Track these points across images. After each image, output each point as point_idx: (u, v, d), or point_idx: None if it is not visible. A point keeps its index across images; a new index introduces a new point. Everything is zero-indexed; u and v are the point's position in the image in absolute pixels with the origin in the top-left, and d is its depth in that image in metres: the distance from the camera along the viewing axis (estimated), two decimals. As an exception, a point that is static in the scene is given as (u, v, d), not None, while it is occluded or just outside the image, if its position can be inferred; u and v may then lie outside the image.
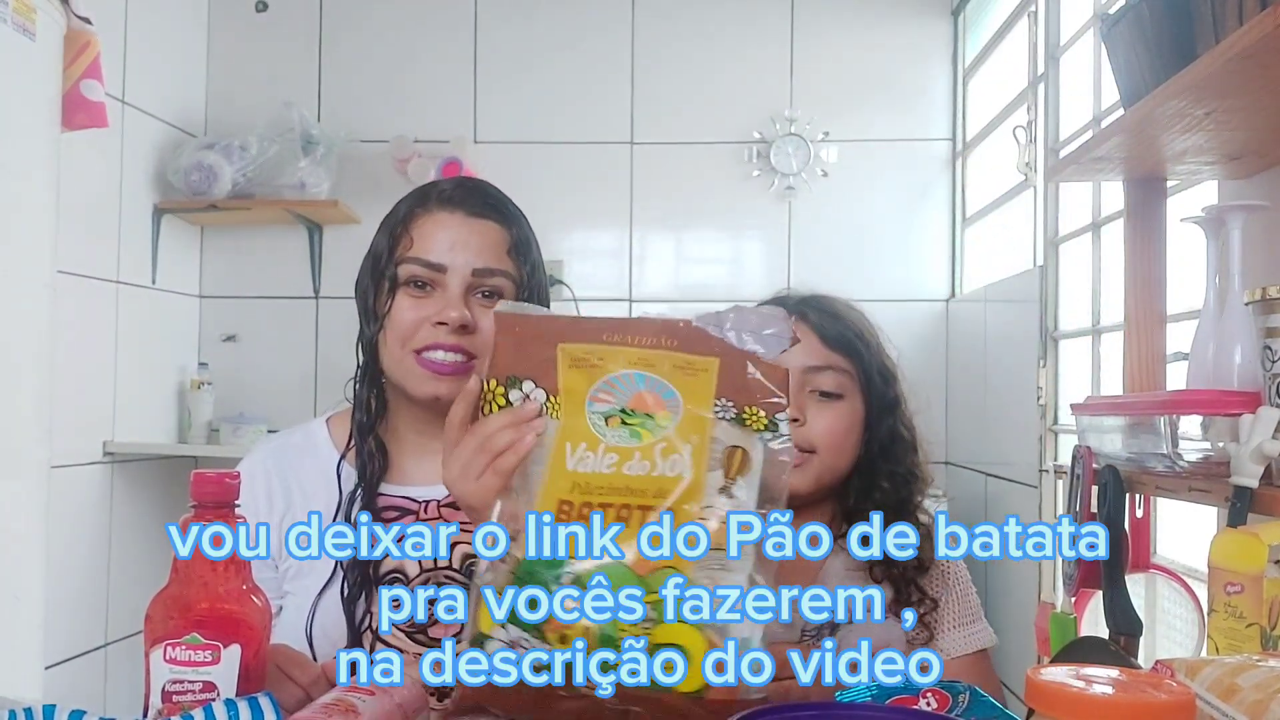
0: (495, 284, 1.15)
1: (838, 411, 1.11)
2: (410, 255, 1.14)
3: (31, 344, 1.79)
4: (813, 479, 1.11)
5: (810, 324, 1.12)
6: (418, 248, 1.14)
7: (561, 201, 3.22)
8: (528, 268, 1.18)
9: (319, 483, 1.19)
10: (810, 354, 1.11)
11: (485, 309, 1.13)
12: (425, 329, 1.13)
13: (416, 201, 1.18)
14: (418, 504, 1.19)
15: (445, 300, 1.13)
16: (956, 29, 3.22)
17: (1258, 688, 0.64)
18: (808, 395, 1.10)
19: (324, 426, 1.26)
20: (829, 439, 1.10)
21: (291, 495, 1.19)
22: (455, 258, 1.13)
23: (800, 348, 1.10)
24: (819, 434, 1.10)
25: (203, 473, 0.81)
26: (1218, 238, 1.32)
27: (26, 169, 1.76)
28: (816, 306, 1.15)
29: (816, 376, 1.11)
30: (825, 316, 1.13)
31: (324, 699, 0.82)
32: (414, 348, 1.13)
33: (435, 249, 1.14)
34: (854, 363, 1.12)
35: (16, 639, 1.75)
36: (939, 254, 3.23)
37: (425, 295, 1.14)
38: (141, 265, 2.97)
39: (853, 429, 1.11)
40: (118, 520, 2.83)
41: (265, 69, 3.32)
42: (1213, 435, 1.17)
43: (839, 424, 1.11)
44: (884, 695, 0.84)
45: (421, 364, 1.13)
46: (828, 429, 1.10)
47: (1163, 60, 1.29)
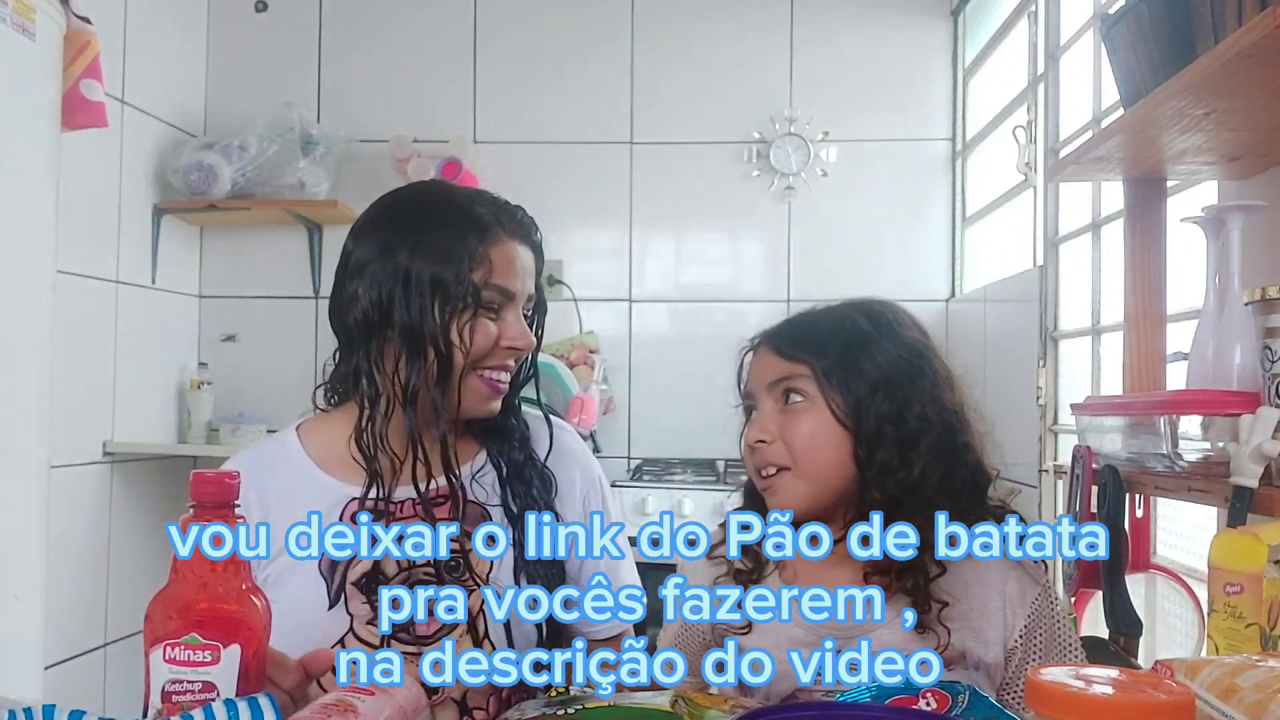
0: (531, 304, 1.24)
1: (802, 415, 1.08)
2: (493, 282, 1.17)
3: (31, 344, 1.79)
4: (795, 496, 1.08)
5: (772, 343, 1.13)
6: (498, 274, 1.17)
7: (561, 201, 3.22)
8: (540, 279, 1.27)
9: (295, 492, 1.20)
10: (771, 369, 1.11)
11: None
12: (498, 351, 1.18)
13: (488, 231, 1.18)
14: (394, 504, 1.19)
15: (516, 325, 1.19)
16: (956, 29, 3.22)
17: (1257, 688, 0.64)
18: (778, 411, 1.10)
19: (294, 434, 1.25)
20: (799, 449, 1.07)
21: (269, 504, 1.19)
22: (522, 285, 1.20)
23: (765, 366, 1.12)
24: (789, 446, 1.08)
25: (202, 473, 0.81)
26: (1218, 238, 1.32)
27: (26, 169, 1.76)
28: (787, 324, 1.15)
29: (778, 387, 1.10)
30: (786, 330, 1.13)
31: (324, 699, 0.82)
32: (484, 367, 1.18)
33: (512, 277, 1.19)
34: (808, 363, 1.09)
35: (16, 639, 1.75)
36: (939, 254, 3.23)
37: (495, 318, 1.19)
38: (141, 265, 2.97)
39: (823, 431, 1.07)
40: (117, 520, 2.83)
41: (265, 69, 3.32)
42: (1213, 435, 1.17)
43: (805, 428, 1.07)
44: (884, 695, 0.84)
45: (486, 384, 1.19)
46: (797, 438, 1.07)
47: (1162, 60, 1.29)
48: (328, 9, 3.33)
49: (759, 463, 1.10)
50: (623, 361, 3.25)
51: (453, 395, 1.17)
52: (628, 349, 3.27)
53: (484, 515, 1.21)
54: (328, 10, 3.33)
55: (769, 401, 1.11)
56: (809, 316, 1.16)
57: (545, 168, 3.25)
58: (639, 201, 3.29)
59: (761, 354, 1.14)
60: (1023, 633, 1.08)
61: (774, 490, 1.10)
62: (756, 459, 1.11)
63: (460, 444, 1.23)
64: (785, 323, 1.17)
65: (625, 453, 3.20)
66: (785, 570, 1.12)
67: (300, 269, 3.28)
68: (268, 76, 3.30)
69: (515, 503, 1.22)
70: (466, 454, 1.25)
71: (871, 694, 0.85)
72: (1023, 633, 1.08)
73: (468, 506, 1.20)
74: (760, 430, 1.10)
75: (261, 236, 3.28)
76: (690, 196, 3.27)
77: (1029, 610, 1.08)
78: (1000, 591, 1.09)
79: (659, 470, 2.94)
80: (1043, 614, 1.09)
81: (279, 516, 1.18)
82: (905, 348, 1.11)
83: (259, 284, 3.30)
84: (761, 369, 1.13)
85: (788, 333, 1.14)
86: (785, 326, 1.16)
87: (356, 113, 3.27)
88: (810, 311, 1.17)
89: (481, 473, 1.24)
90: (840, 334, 1.11)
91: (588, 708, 0.79)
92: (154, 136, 3.04)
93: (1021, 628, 1.08)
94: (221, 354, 3.27)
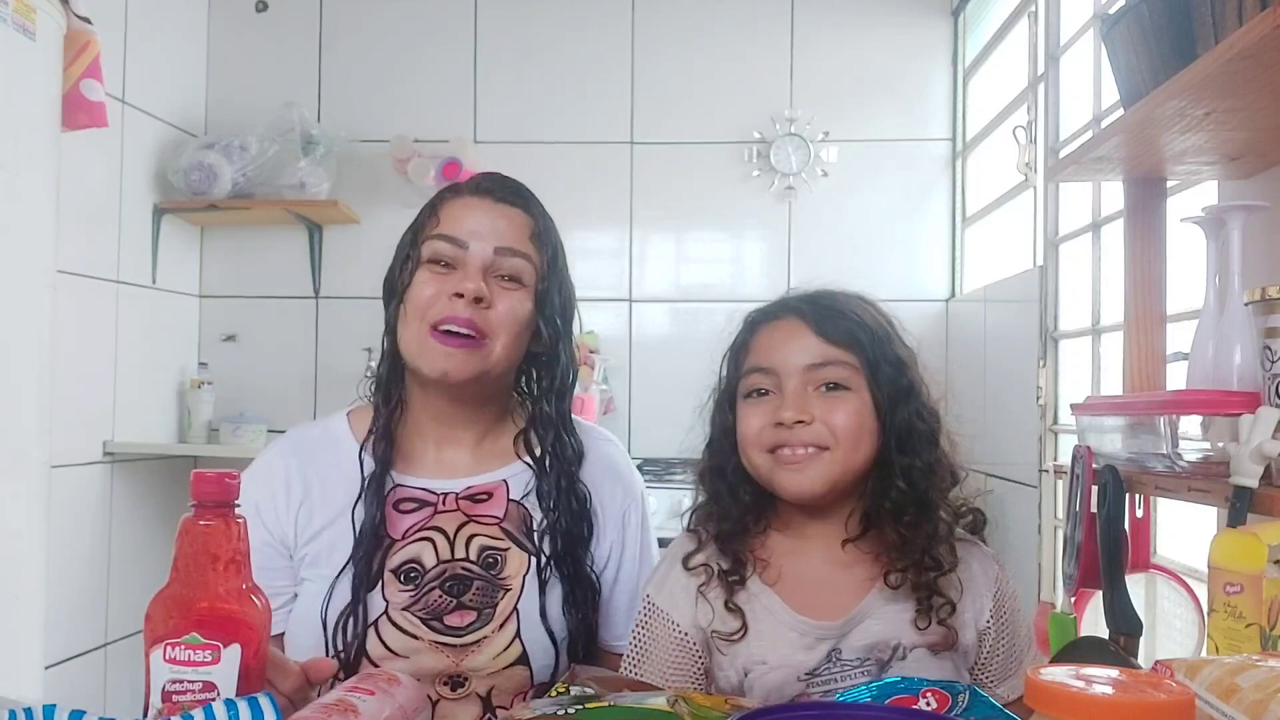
0: (515, 266, 1.18)
1: (848, 404, 1.06)
2: (436, 233, 1.18)
3: (31, 344, 1.79)
4: (825, 477, 1.06)
5: (808, 321, 1.09)
6: (444, 226, 1.18)
7: (561, 201, 3.17)
8: (548, 253, 1.22)
9: (338, 475, 1.21)
10: (809, 351, 1.08)
11: (504, 290, 1.17)
12: (442, 301, 1.15)
13: (449, 190, 1.24)
14: (436, 496, 1.20)
15: (465, 275, 1.16)
16: (956, 29, 3.22)
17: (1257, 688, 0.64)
18: (812, 393, 1.07)
19: (344, 420, 1.27)
20: (842, 432, 1.05)
21: (310, 484, 1.21)
22: (478, 236, 1.17)
23: (800, 346, 1.08)
24: (832, 428, 1.05)
25: (203, 472, 0.81)
26: (1218, 238, 1.32)
27: (26, 169, 1.76)
28: (815, 302, 1.11)
29: (819, 372, 1.07)
30: (823, 311, 1.10)
31: (324, 699, 0.82)
32: (430, 321, 1.15)
33: (460, 228, 1.18)
34: (856, 354, 1.08)
35: (16, 639, 1.75)
36: (939, 254, 3.23)
37: (447, 273, 1.17)
38: (141, 265, 2.97)
39: (865, 422, 1.07)
40: (118, 520, 2.83)
41: (265, 69, 3.32)
42: (1213, 435, 1.17)
43: (851, 417, 1.06)
44: (884, 695, 0.84)
45: (435, 337, 1.15)
46: (841, 423, 1.05)
47: (1163, 60, 1.29)
48: (328, 9, 3.33)
49: (797, 440, 1.05)
50: (623, 361, 3.25)
51: (415, 356, 1.17)
52: (628, 349, 3.27)
53: (525, 516, 1.21)
54: (328, 10, 3.33)
55: (800, 381, 1.07)
56: (829, 298, 1.13)
57: (545, 168, 3.24)
58: (639, 201, 3.29)
59: (793, 328, 1.10)
60: (992, 612, 1.11)
61: (803, 469, 1.05)
62: (793, 436, 1.05)
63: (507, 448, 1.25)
64: (811, 299, 1.12)
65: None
66: (767, 571, 1.10)
67: (300, 269, 3.28)
68: (268, 76, 3.30)
69: (550, 544, 1.20)
70: (509, 458, 1.25)
71: (872, 694, 0.85)
72: (992, 612, 1.11)
73: (510, 506, 1.21)
74: (799, 410, 1.05)
75: (262, 236, 3.28)
76: (690, 196, 3.27)
77: (994, 589, 1.12)
78: (968, 574, 1.11)
79: (659, 470, 2.94)
80: (1004, 591, 1.13)
81: (319, 495, 1.20)
82: (906, 347, 1.13)
83: (259, 284, 3.31)
84: (796, 347, 1.08)
85: (825, 313, 1.10)
86: (815, 305, 1.11)
87: (356, 113, 3.27)
88: (827, 292, 1.14)
89: (523, 480, 1.23)
90: (867, 325, 1.10)
91: (588, 708, 0.79)
92: (154, 136, 3.04)
93: (990, 608, 1.11)
94: (221, 354, 3.27)
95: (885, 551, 1.08)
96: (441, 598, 1.15)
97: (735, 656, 1.07)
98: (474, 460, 1.24)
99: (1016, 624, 1.14)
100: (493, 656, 1.15)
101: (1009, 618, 1.13)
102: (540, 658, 1.16)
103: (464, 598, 1.15)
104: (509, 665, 1.16)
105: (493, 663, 1.15)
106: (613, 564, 1.26)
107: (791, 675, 1.05)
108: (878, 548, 1.09)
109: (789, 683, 1.05)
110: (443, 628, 1.14)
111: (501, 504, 1.21)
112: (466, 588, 1.16)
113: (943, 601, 1.07)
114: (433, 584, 1.16)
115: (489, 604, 1.16)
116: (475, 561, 1.17)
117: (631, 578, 1.26)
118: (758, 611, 1.08)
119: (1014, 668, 1.13)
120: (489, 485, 1.22)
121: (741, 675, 1.06)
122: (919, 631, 1.06)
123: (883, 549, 1.08)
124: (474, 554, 1.17)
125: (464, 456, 1.24)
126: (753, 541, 1.12)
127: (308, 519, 1.20)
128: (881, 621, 1.07)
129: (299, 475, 1.21)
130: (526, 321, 1.19)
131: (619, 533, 1.27)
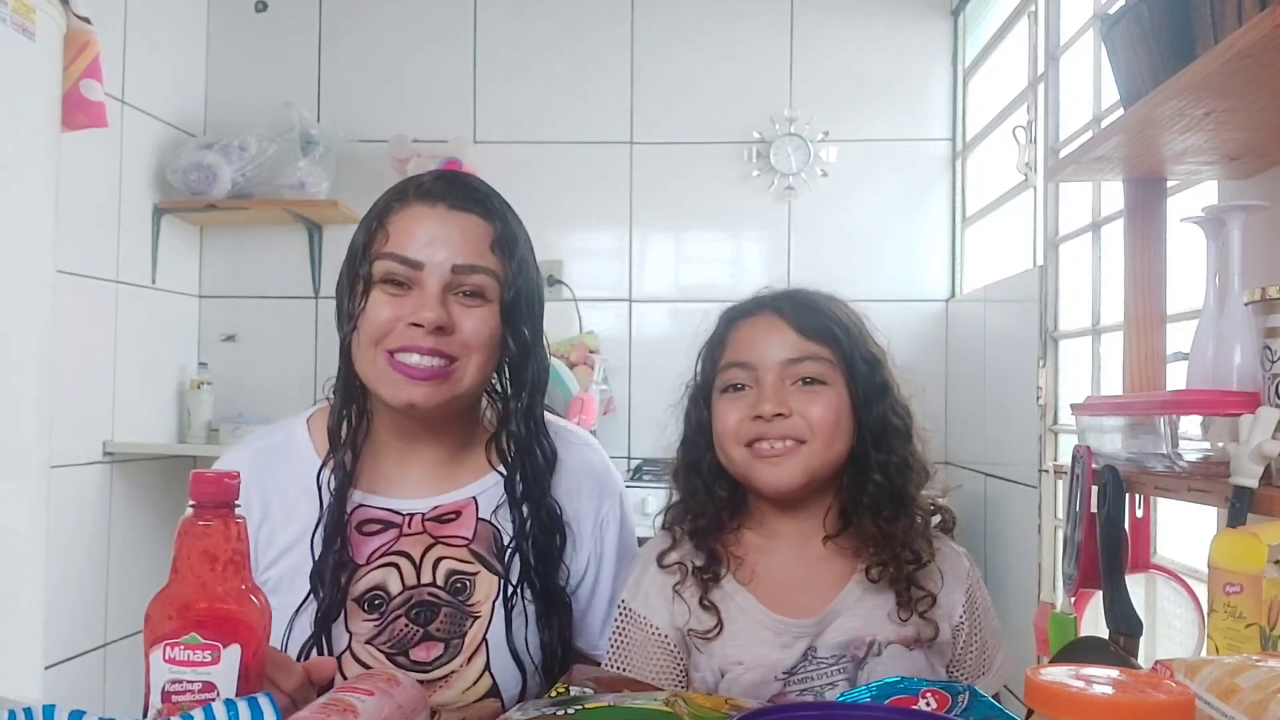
0: (477, 282, 1.08)
1: (824, 398, 1.08)
2: (386, 251, 1.07)
3: (31, 344, 1.79)
4: (803, 470, 1.07)
5: (786, 317, 1.10)
6: (394, 243, 1.07)
7: (561, 201, 3.22)
8: (514, 264, 1.10)
9: (298, 490, 1.14)
10: (787, 346, 1.09)
11: (467, 309, 1.08)
12: (400, 329, 1.06)
13: (394, 195, 1.11)
14: (401, 517, 1.14)
15: (422, 300, 1.06)
16: (956, 29, 3.22)
17: (1257, 688, 0.64)
18: (790, 387, 1.08)
19: (304, 427, 1.19)
20: (820, 425, 1.07)
21: (270, 503, 1.14)
22: (434, 254, 1.06)
23: (778, 341, 1.09)
24: (809, 422, 1.07)
25: (202, 473, 0.81)
26: (1218, 238, 1.32)
27: (26, 169, 1.76)
28: (791, 300, 1.13)
29: (796, 367, 1.08)
30: (800, 308, 1.11)
31: (323, 699, 0.82)
32: (387, 348, 1.06)
33: (412, 244, 1.06)
34: (833, 350, 1.09)
35: (16, 639, 1.75)
36: (939, 254, 3.23)
37: (402, 294, 1.07)
38: (141, 265, 2.97)
39: (841, 416, 1.08)
40: (117, 520, 2.83)
41: (265, 69, 3.32)
42: (1212, 435, 1.17)
43: (828, 411, 1.07)
44: (884, 695, 0.84)
45: (395, 367, 1.06)
46: (818, 416, 1.07)
47: (1162, 60, 1.29)
48: (328, 9, 3.33)
49: (775, 433, 1.07)
50: (623, 361, 3.25)
51: (374, 383, 1.09)
52: (628, 349, 3.27)
53: (495, 535, 1.16)
54: (328, 10, 3.33)
55: (778, 375, 1.08)
56: (805, 296, 1.15)
57: (545, 168, 3.24)
58: (639, 201, 3.28)
59: (770, 324, 1.11)
60: (965, 608, 1.12)
61: (780, 462, 1.07)
62: (771, 429, 1.07)
63: (477, 459, 1.18)
64: (787, 296, 1.14)
65: (625, 453, 3.20)
66: (742, 569, 1.10)
67: (300, 269, 3.28)
68: (268, 76, 3.30)
69: (521, 561, 1.14)
70: (479, 471, 1.18)
71: (871, 694, 0.85)
72: (965, 608, 1.12)
73: (479, 525, 1.15)
74: (777, 403, 1.06)
75: (261, 236, 3.28)
76: (690, 196, 3.27)
77: (966, 585, 1.13)
78: (939, 569, 1.12)
79: (659, 470, 2.93)
80: (975, 585, 1.15)
81: (279, 515, 1.13)
82: (877, 345, 1.15)
83: (259, 284, 3.30)
84: (774, 342, 1.10)
85: (802, 310, 1.11)
86: (792, 302, 1.13)
87: (356, 113, 3.27)
88: (802, 291, 1.16)
89: (494, 495, 1.17)
90: (843, 322, 1.12)
91: (587, 708, 0.79)
92: (154, 136, 3.04)
93: (963, 604, 1.12)
94: (221, 354, 3.27)
95: (864, 546, 1.09)
96: (408, 626, 1.09)
97: (711, 656, 1.07)
98: (442, 476, 1.17)
99: (989, 621, 1.15)
100: (462, 691, 1.10)
101: (981, 614, 1.14)
102: (510, 687, 1.12)
103: (431, 626, 1.10)
104: (479, 699, 1.11)
105: (462, 697, 1.10)
106: (590, 574, 1.21)
107: (769, 675, 1.05)
108: (854, 543, 1.10)
109: (766, 683, 1.05)
110: (409, 663, 1.09)
111: (470, 524, 1.15)
112: (434, 615, 1.10)
113: (923, 594, 1.08)
114: (398, 612, 1.10)
115: (457, 633, 1.11)
116: (443, 587, 1.11)
117: (611, 583, 1.22)
118: (732, 611, 1.08)
119: (986, 665, 1.14)
120: (457, 504, 1.15)
121: (718, 676, 1.06)
122: (895, 626, 1.07)
123: (861, 544, 1.09)
124: (441, 579, 1.12)
125: (431, 473, 1.16)
126: (726, 538, 1.12)
127: (268, 541, 1.13)
128: (857, 617, 1.07)
129: (258, 492, 1.13)
130: (495, 338, 1.10)
131: (596, 543, 1.22)
